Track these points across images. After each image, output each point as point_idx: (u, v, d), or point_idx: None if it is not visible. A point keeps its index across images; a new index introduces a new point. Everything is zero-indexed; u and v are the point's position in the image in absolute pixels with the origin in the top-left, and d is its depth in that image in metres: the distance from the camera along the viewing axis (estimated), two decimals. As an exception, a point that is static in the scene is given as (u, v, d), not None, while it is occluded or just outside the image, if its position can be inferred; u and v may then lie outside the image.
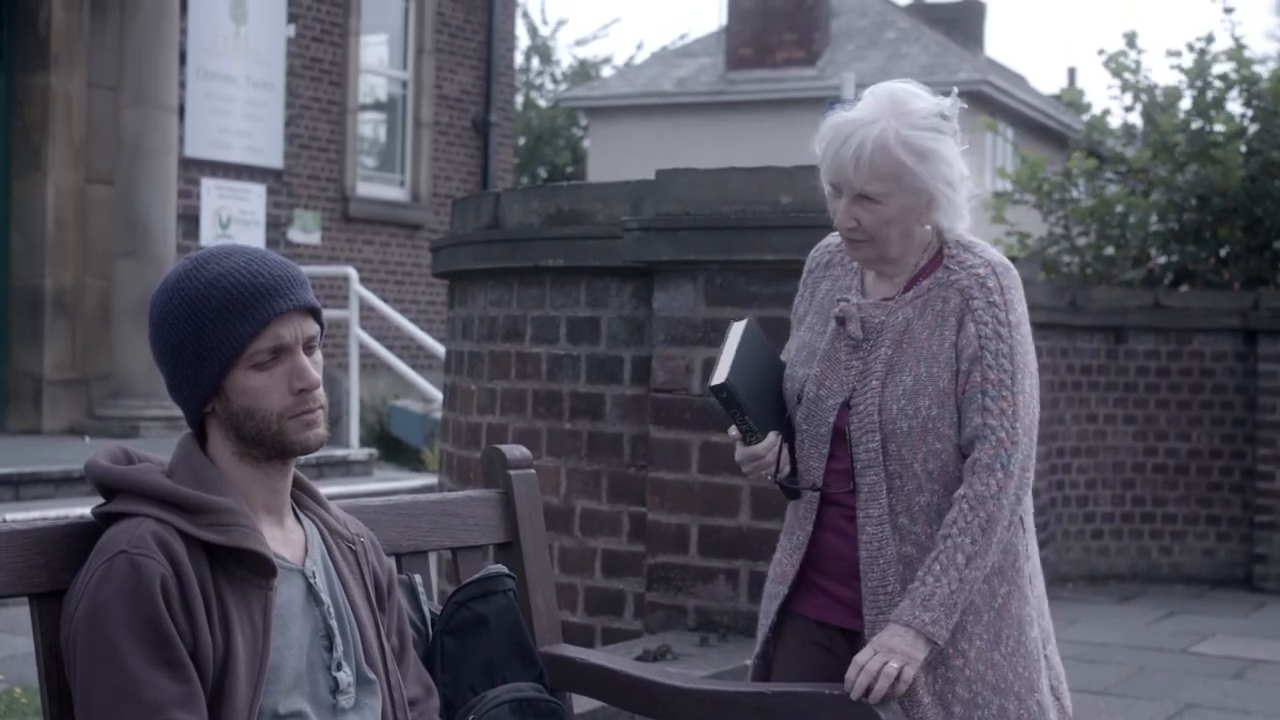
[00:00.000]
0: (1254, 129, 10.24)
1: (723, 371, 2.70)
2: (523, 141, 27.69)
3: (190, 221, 11.83)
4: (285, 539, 2.20)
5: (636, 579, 4.70)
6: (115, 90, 10.73)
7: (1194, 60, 10.51)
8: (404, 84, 14.52)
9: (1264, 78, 10.34)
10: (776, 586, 2.84)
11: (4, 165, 10.95)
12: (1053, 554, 8.90)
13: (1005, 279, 2.71)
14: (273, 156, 12.78)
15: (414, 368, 12.21)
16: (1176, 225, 10.45)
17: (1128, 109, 11.06)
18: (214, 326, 2.10)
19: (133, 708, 1.95)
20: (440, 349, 10.54)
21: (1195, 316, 9.27)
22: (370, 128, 14.65)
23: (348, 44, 13.57)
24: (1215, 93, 10.42)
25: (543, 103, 29.91)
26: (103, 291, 10.95)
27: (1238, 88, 10.41)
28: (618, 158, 23.87)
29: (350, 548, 2.30)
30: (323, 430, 2.18)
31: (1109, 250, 10.61)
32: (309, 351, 2.16)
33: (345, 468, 10.55)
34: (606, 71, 29.92)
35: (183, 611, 2.01)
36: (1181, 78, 10.59)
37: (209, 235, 12.06)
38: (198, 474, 2.13)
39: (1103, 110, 11.87)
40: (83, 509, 2.24)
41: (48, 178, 10.84)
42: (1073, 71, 44.38)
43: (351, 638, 2.22)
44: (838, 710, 2.50)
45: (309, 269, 11.58)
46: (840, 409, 2.72)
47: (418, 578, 2.63)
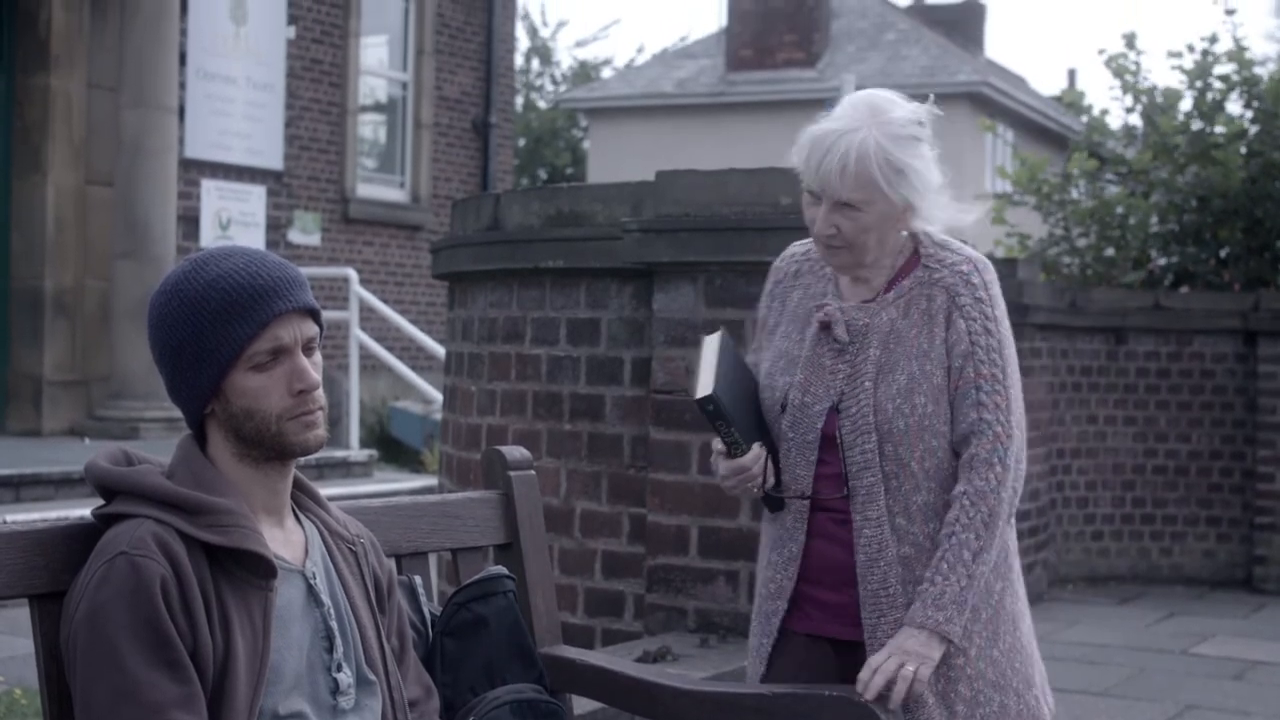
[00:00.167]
0: (1254, 130, 10.24)
1: (707, 383, 2.68)
2: (523, 143, 27.70)
3: (190, 223, 11.84)
4: (285, 540, 2.20)
5: (636, 580, 4.70)
6: (115, 91, 10.74)
7: (1195, 61, 10.51)
8: (404, 85, 14.52)
9: (1264, 79, 10.34)
10: (774, 603, 2.79)
11: (4, 166, 10.96)
12: (1053, 555, 8.89)
13: (987, 275, 2.73)
14: (273, 158, 12.78)
15: (414, 369, 12.21)
16: (1177, 227, 10.45)
17: (1128, 110, 11.06)
18: (213, 328, 2.10)
19: (133, 709, 1.95)
20: (440, 350, 10.54)
21: (1195, 318, 9.27)
22: (370, 129, 14.65)
23: (348, 45, 13.57)
24: (1216, 94, 10.42)
25: (543, 104, 29.93)
26: (103, 292, 10.95)
27: (1238, 89, 10.41)
28: (618, 159, 23.88)
29: (350, 549, 2.30)
30: (322, 431, 2.18)
31: (1109, 251, 10.61)
32: (308, 353, 2.16)
33: (345, 469, 10.55)
34: (606, 73, 29.94)
35: (183, 612, 2.01)
36: (1182, 79, 10.59)
37: (209, 236, 12.06)
38: (198, 475, 2.13)
39: (1101, 110, 11.87)
40: (83, 510, 2.24)
41: (48, 178, 10.85)
42: (1073, 73, 44.39)
43: (352, 639, 2.22)
44: (838, 711, 2.50)
45: (309, 270, 11.58)
46: (828, 414, 2.70)
47: (418, 579, 2.62)
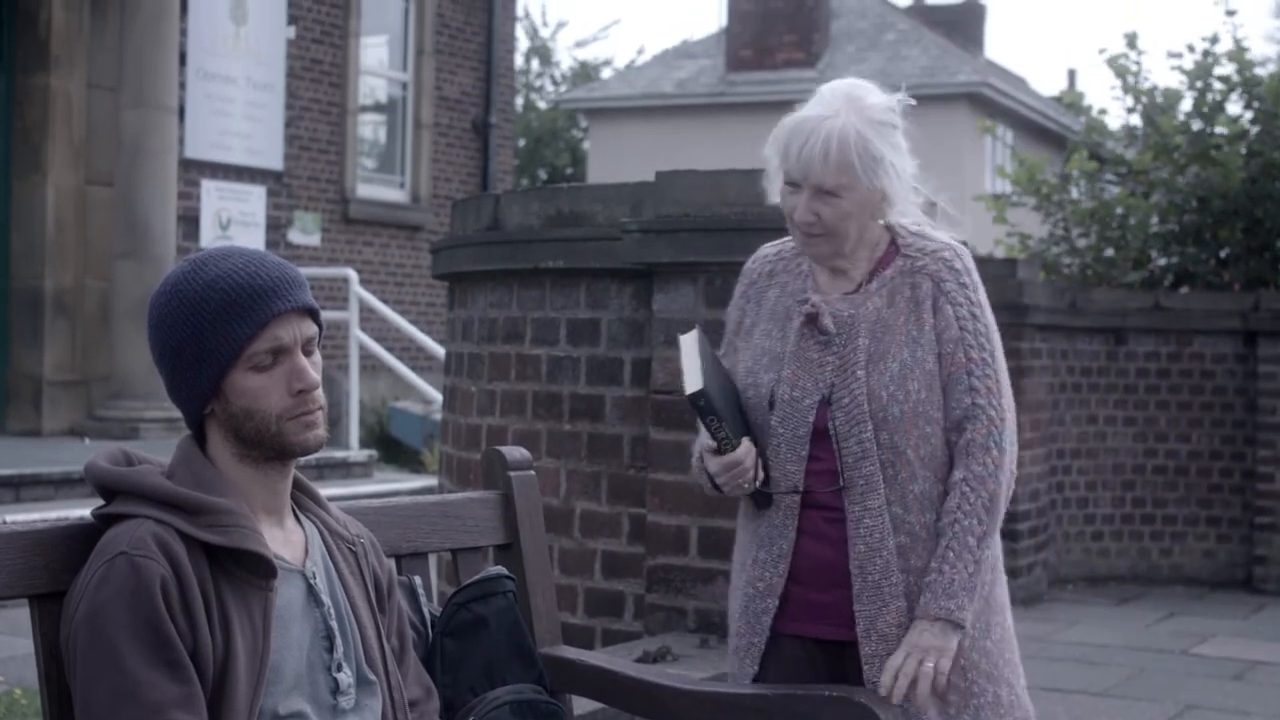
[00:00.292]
0: (1255, 131, 10.24)
1: (694, 379, 2.67)
2: (523, 143, 27.70)
3: (190, 223, 11.84)
4: (285, 540, 2.20)
5: (636, 580, 4.69)
6: (115, 91, 10.74)
7: (1195, 62, 10.51)
8: (404, 85, 14.52)
9: (1264, 80, 10.34)
10: (764, 602, 2.73)
11: (4, 166, 10.95)
12: (1053, 555, 8.89)
13: (968, 260, 2.75)
14: (273, 158, 12.78)
15: (414, 369, 12.21)
16: (1177, 227, 10.46)
17: (1129, 110, 11.06)
18: (213, 328, 2.09)
19: (133, 709, 1.95)
20: (440, 350, 10.54)
21: (1195, 318, 9.27)
22: (370, 129, 14.65)
23: (348, 45, 13.57)
24: (1216, 95, 10.42)
25: (543, 104, 29.94)
26: (103, 292, 10.95)
27: (1239, 90, 10.41)
28: (618, 159, 23.88)
29: (350, 549, 2.30)
30: (322, 431, 2.18)
31: (1109, 252, 10.61)
32: (308, 353, 2.16)
33: (345, 469, 10.55)
34: (606, 73, 29.94)
35: (183, 612, 2.01)
36: (1182, 79, 10.59)
37: (209, 236, 12.06)
38: (197, 475, 2.13)
39: (1100, 111, 11.87)
40: (83, 510, 2.24)
41: (48, 178, 10.85)
42: (1073, 73, 44.45)
43: (352, 639, 2.22)
44: (838, 711, 2.50)
45: (309, 270, 11.58)
46: (819, 407, 2.69)
47: (417, 579, 2.62)
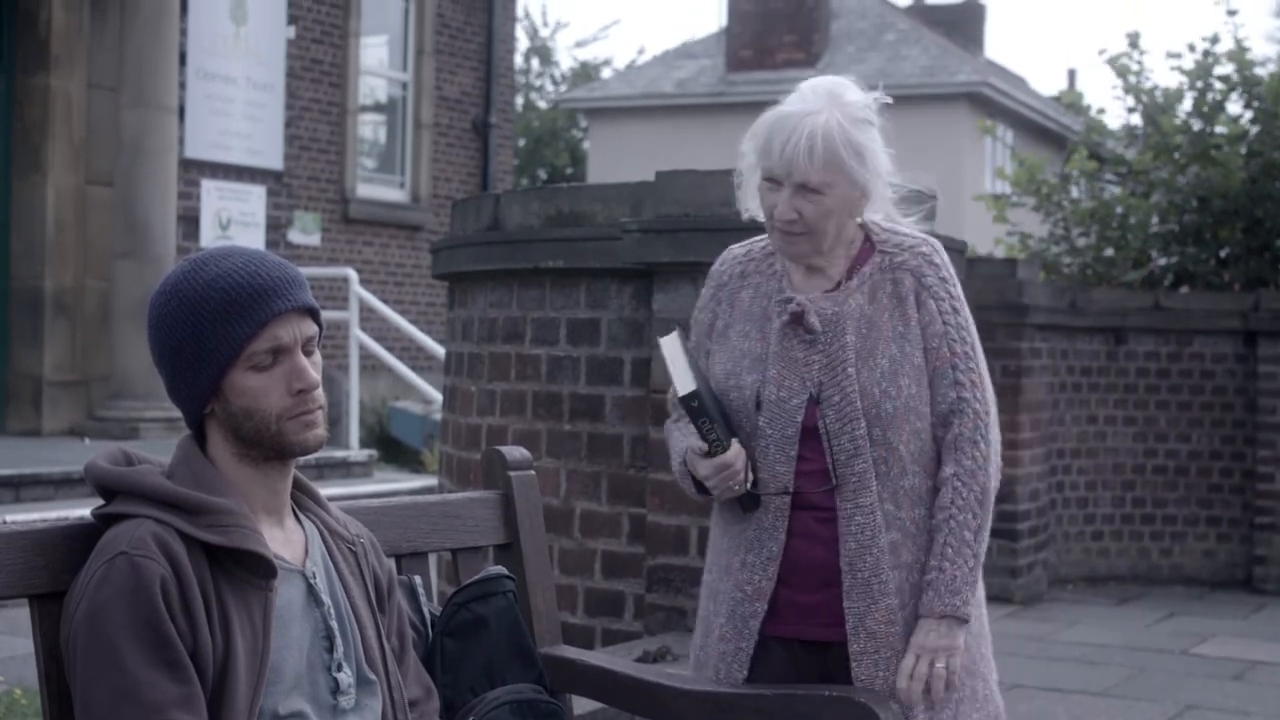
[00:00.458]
0: (1255, 131, 10.24)
1: (686, 380, 2.67)
2: (523, 143, 27.71)
3: (190, 223, 11.84)
4: (285, 540, 2.20)
5: (636, 580, 4.70)
6: (115, 91, 10.74)
7: (1196, 62, 10.51)
8: (404, 85, 14.52)
9: (1265, 79, 10.34)
10: (752, 605, 2.71)
11: (4, 166, 10.95)
12: (1053, 555, 8.89)
13: (944, 254, 2.76)
14: (273, 158, 12.78)
15: (414, 369, 12.21)
16: (1177, 227, 10.45)
17: (1130, 110, 11.06)
18: (212, 328, 2.09)
19: (133, 709, 1.95)
20: (440, 350, 10.54)
21: (1195, 318, 9.27)
22: (370, 129, 14.65)
23: (348, 45, 13.57)
24: (1217, 94, 10.42)
25: (543, 104, 29.94)
26: (103, 292, 10.95)
27: (1239, 89, 10.40)
28: (618, 159, 23.88)
29: (350, 549, 2.30)
30: (322, 431, 2.18)
31: (1109, 252, 10.61)
32: (308, 352, 2.16)
33: (345, 469, 10.55)
34: (606, 73, 29.95)
35: (183, 612, 2.01)
36: (1182, 79, 10.59)
37: (209, 236, 12.06)
38: (197, 475, 2.13)
39: (1099, 110, 11.87)
40: (83, 510, 2.24)
41: (48, 178, 10.85)
42: (1073, 73, 44.47)
43: (352, 638, 2.22)
44: (838, 711, 2.50)
45: (309, 270, 11.58)
46: (807, 406, 2.68)
47: (417, 579, 2.62)
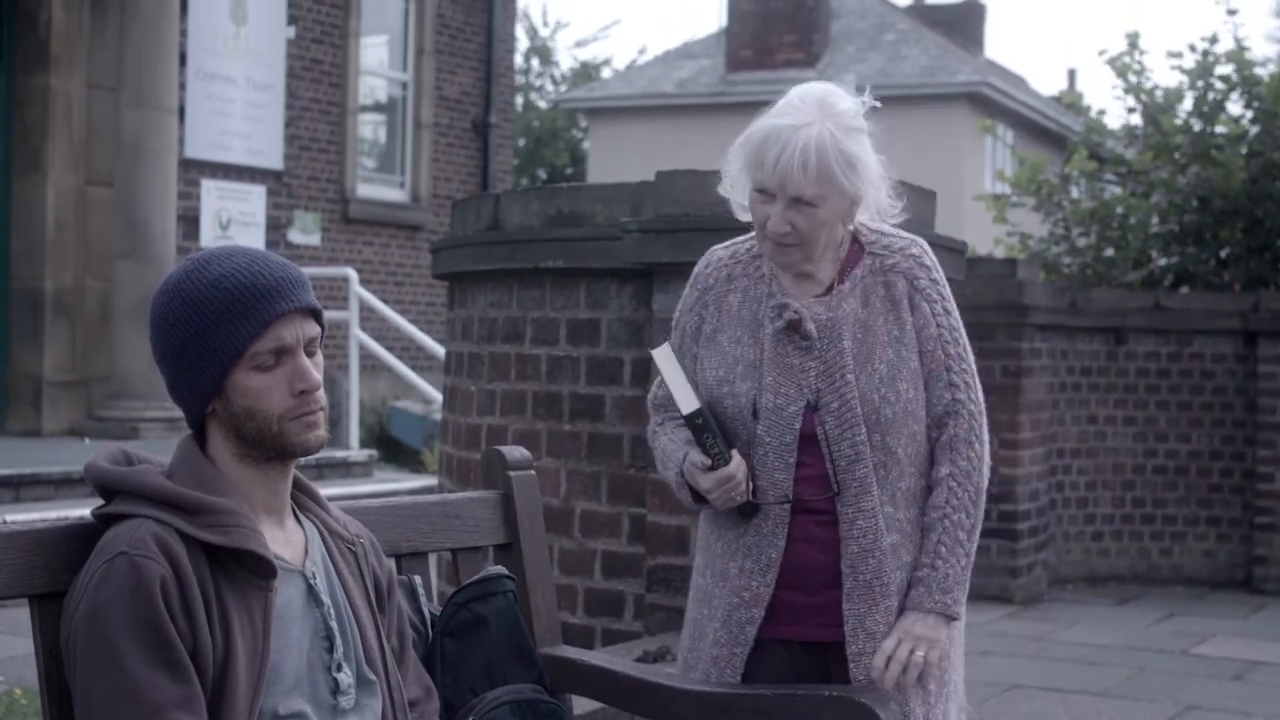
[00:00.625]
0: (1255, 131, 10.24)
1: (689, 397, 2.68)
2: (523, 143, 27.71)
3: (190, 223, 11.84)
4: (285, 540, 2.20)
5: (636, 580, 4.70)
6: (115, 91, 10.74)
7: (1196, 61, 10.51)
8: (404, 85, 14.52)
9: (1265, 79, 10.34)
10: (749, 611, 2.71)
11: (4, 166, 10.95)
12: (1053, 555, 8.89)
13: (932, 255, 2.76)
14: (273, 158, 12.78)
15: (414, 369, 12.21)
16: (1177, 227, 10.45)
17: (1130, 110, 11.06)
18: (216, 327, 2.09)
19: (133, 709, 1.95)
20: (440, 350, 10.54)
21: (1195, 318, 9.27)
22: (370, 129, 14.65)
23: (348, 45, 13.57)
24: (1217, 94, 10.41)
25: (543, 104, 29.94)
26: (103, 293, 10.95)
27: (1239, 89, 10.40)
28: (618, 159, 23.87)
29: (350, 549, 2.30)
30: (323, 432, 2.18)
31: (1109, 252, 10.61)
32: (310, 353, 2.16)
33: (345, 469, 10.55)
34: (606, 73, 29.94)
35: (183, 613, 2.01)
36: (1183, 79, 10.59)
37: (209, 237, 12.06)
38: (198, 475, 2.13)
39: (1100, 111, 11.87)
40: (83, 510, 2.24)
41: (48, 179, 10.85)
42: (1073, 73, 44.47)
43: (352, 639, 2.22)
44: (838, 711, 2.50)
45: (309, 270, 11.58)
46: (805, 413, 2.67)
47: (417, 579, 2.62)
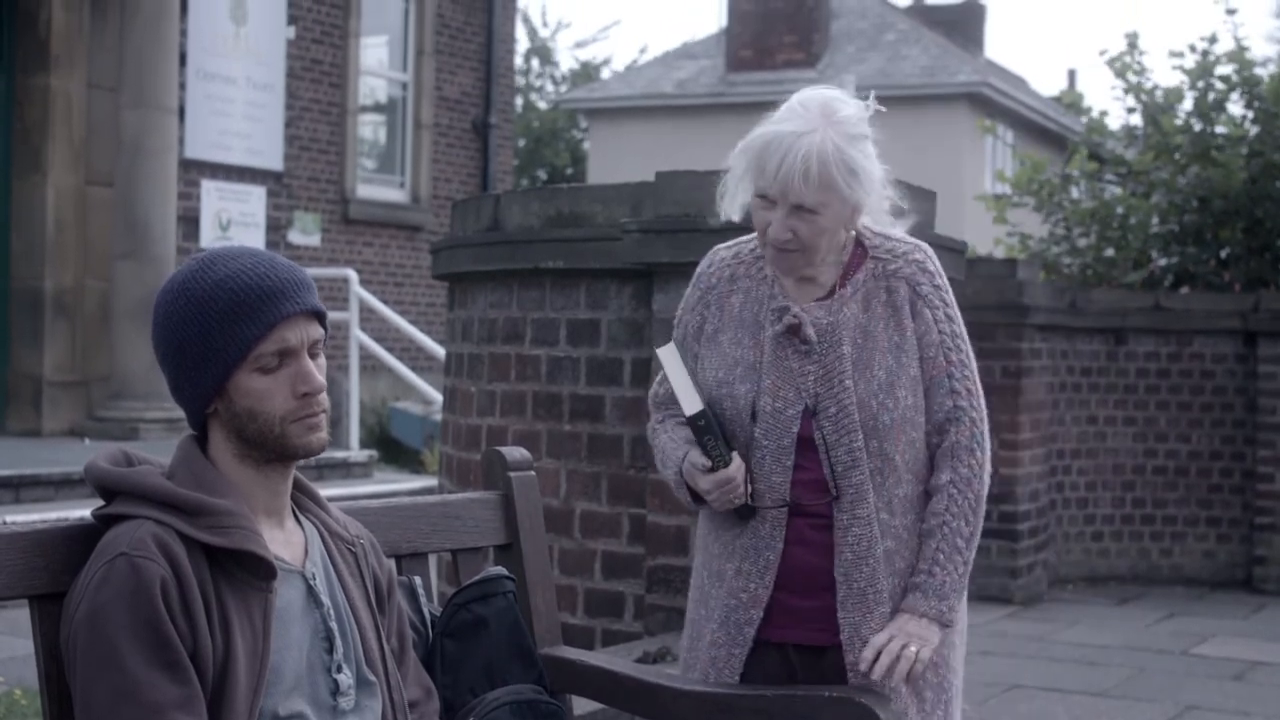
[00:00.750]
0: (1255, 131, 10.24)
1: (693, 399, 2.68)
2: (523, 143, 27.71)
3: (190, 223, 11.84)
4: (285, 541, 2.20)
5: (636, 581, 4.70)
6: (115, 91, 10.74)
7: (1196, 61, 10.51)
8: (404, 86, 14.52)
9: (1265, 79, 10.34)
10: (748, 613, 2.71)
11: (4, 166, 10.95)
12: (1053, 555, 8.90)
13: (936, 260, 2.75)
14: (273, 158, 12.78)
15: (414, 370, 12.21)
16: (1177, 227, 10.46)
17: (1130, 110, 11.06)
18: (220, 328, 2.09)
19: (133, 709, 1.95)
20: (440, 351, 10.54)
21: (1195, 318, 9.27)
22: (370, 129, 14.65)
23: (348, 46, 13.57)
24: (1217, 94, 10.42)
25: (543, 105, 29.94)
26: (103, 293, 10.95)
27: (1239, 90, 10.41)
28: (618, 159, 23.87)
29: (350, 549, 2.30)
30: (325, 434, 2.18)
31: (1109, 252, 10.61)
32: (313, 355, 2.16)
33: (345, 470, 10.55)
34: (606, 73, 29.94)
35: (183, 613, 2.01)
36: (1183, 79, 10.59)
37: (209, 237, 12.06)
38: (198, 476, 2.13)
39: (1100, 111, 11.88)
40: (83, 511, 2.24)
41: (48, 179, 10.85)
42: (1073, 73, 44.49)
43: (351, 639, 2.22)
44: (838, 711, 2.50)
45: (309, 271, 11.53)
46: (803, 417, 2.67)
47: (417, 579, 2.62)
